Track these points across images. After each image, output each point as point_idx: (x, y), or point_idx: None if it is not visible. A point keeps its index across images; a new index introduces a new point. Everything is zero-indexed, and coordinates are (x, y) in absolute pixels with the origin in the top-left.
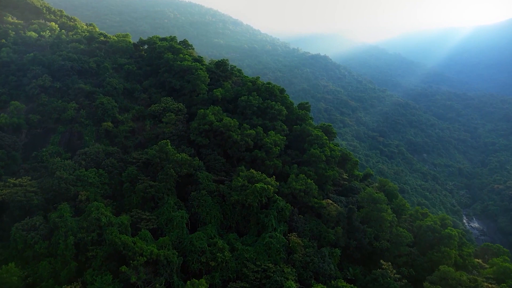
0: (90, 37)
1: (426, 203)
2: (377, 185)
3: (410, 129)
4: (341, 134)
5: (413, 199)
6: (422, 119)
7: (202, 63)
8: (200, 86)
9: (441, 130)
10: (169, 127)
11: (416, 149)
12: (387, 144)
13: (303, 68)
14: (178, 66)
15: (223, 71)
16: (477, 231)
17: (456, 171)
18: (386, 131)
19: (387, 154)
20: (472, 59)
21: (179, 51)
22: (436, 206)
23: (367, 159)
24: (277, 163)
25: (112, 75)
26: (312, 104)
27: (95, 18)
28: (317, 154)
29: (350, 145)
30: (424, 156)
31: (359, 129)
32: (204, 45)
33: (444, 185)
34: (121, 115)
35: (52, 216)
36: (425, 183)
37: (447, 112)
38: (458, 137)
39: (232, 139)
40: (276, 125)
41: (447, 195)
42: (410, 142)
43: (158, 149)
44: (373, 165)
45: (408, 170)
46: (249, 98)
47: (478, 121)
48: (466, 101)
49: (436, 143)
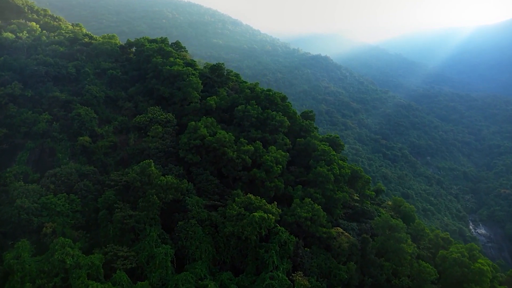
0: (73, 39)
1: (431, 208)
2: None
3: (413, 132)
4: (343, 137)
5: (418, 205)
6: (425, 121)
7: (195, 67)
8: (191, 94)
9: (444, 132)
10: (155, 142)
11: (420, 152)
12: (390, 147)
13: (303, 69)
14: (167, 72)
15: (218, 76)
16: (484, 238)
17: (461, 174)
18: (389, 134)
19: (390, 157)
20: (473, 59)
21: (169, 54)
22: (441, 212)
23: (370, 163)
24: (278, 184)
25: (93, 82)
26: (313, 106)
27: (92, 18)
28: (324, 173)
29: (352, 149)
30: (428, 159)
31: (361, 131)
32: (203, 45)
33: (449, 189)
34: (101, 127)
35: (7, 256)
36: (430, 188)
37: (450, 114)
38: (462, 139)
39: (227, 157)
40: (278, 138)
41: (452, 200)
42: (413, 144)
43: (139, 171)
44: (376, 169)
45: (412, 174)
46: (247, 107)
47: (482, 123)
48: (469, 103)
49: (440, 146)
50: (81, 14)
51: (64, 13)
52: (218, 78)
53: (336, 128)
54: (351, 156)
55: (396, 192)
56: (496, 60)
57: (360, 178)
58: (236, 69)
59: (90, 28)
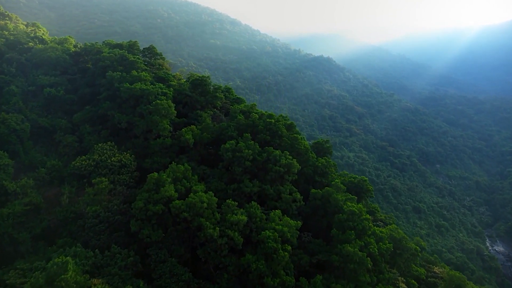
0: (12, 43)
1: (446, 224)
2: (444, 277)
3: (421, 137)
4: (348, 144)
5: (431, 220)
6: (433, 126)
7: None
8: (159, 124)
9: (454, 138)
10: (96, 204)
11: (429, 160)
12: (397, 155)
13: (305, 71)
14: (126, 91)
15: (202, 93)
16: (503, 256)
17: (474, 184)
18: (396, 140)
19: (398, 166)
20: (479, 60)
21: (132, 66)
22: (456, 228)
23: (377, 173)
24: (286, 280)
25: (16, 106)
26: (316, 110)
27: (83, 18)
28: (357, 257)
29: (358, 157)
30: (437, 167)
31: (367, 138)
32: (200, 46)
33: (462, 201)
34: (17, 181)
35: None
36: (442, 200)
37: (459, 118)
38: (472, 145)
39: (206, 234)
40: (283, 191)
41: (466, 213)
42: (421, 151)
43: (46, 278)
44: (384, 180)
45: (422, 184)
46: (239, 145)
47: (492, 128)
48: (478, 106)
49: (450, 153)
50: (73, 13)
51: (54, 12)
52: (201, 97)
53: (340, 134)
54: (358, 166)
55: (407, 206)
56: (501, 61)
57: (406, 251)
58: (235, 71)
59: (80, 28)
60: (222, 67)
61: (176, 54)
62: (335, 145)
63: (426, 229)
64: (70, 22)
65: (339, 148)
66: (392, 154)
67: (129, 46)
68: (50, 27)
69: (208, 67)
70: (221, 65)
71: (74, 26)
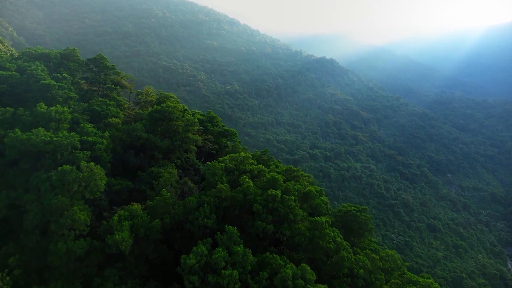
0: None
1: (464, 245)
2: None
3: (430, 144)
4: (354, 153)
5: (447, 239)
6: (443, 132)
7: (110, 120)
8: (66, 214)
9: (465, 144)
10: None
11: (440, 169)
12: (407, 165)
13: (307, 73)
14: (13, 147)
15: (166, 133)
16: None
17: (489, 196)
18: (405, 148)
19: (408, 176)
20: (484, 61)
21: (44, 93)
22: (474, 248)
23: (387, 187)
24: None
25: None
26: (319, 116)
27: (73, 17)
28: None
29: (366, 168)
30: (449, 177)
31: (374, 146)
32: (196, 47)
33: (477, 215)
34: None
35: None
36: (457, 215)
37: (469, 123)
38: (484, 152)
39: None
40: None
41: (483, 230)
42: (432, 160)
43: None
44: (395, 194)
45: (435, 197)
46: (215, 257)
47: (504, 133)
48: (488, 110)
49: (462, 161)
50: (62, 12)
51: (43, 11)
52: (164, 140)
53: (345, 142)
54: (365, 178)
55: (421, 223)
56: (508, 62)
57: None
58: (232, 74)
59: (69, 28)
60: (219, 69)
61: (170, 55)
62: (340, 155)
63: (443, 251)
64: (59, 22)
65: (345, 158)
66: (401, 164)
67: (62, 57)
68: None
69: (204, 70)
70: (218, 68)
71: (63, 26)
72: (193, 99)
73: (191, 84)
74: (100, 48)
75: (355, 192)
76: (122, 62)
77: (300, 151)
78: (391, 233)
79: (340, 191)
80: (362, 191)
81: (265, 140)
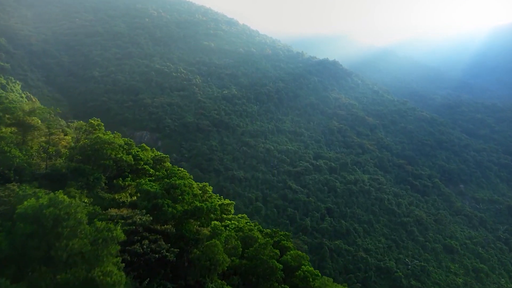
0: None
1: (484, 268)
2: None
3: (440, 152)
4: (361, 163)
5: (466, 262)
6: (453, 139)
7: None
8: None
9: (477, 152)
10: None
11: (452, 179)
12: (417, 175)
13: (309, 76)
14: None
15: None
16: None
17: (505, 209)
18: (414, 156)
19: (419, 188)
20: (489, 62)
21: None
22: (495, 271)
23: (398, 202)
24: None
25: None
26: (323, 122)
27: (64, 17)
28: None
29: (374, 180)
30: (462, 188)
31: (382, 155)
32: (192, 49)
33: (495, 231)
34: None
35: None
36: (475, 233)
37: (479, 128)
38: (498, 161)
39: None
40: None
41: (503, 249)
42: (443, 169)
43: None
44: (407, 210)
45: (448, 211)
46: None
47: None
48: (498, 114)
49: (474, 170)
50: (52, 11)
51: (33, 11)
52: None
53: (351, 151)
54: (374, 192)
55: (437, 244)
56: None
57: None
58: (230, 77)
59: (59, 29)
60: (217, 72)
61: (164, 57)
62: (346, 165)
63: (463, 276)
64: (48, 22)
65: (351, 169)
66: (412, 175)
67: None
68: (23, 27)
69: (200, 73)
70: (215, 71)
71: (52, 26)
72: (187, 105)
73: (185, 89)
74: (90, 49)
75: (363, 209)
76: (112, 65)
77: (303, 162)
78: (405, 256)
79: (347, 207)
80: (371, 207)
81: (265, 150)
